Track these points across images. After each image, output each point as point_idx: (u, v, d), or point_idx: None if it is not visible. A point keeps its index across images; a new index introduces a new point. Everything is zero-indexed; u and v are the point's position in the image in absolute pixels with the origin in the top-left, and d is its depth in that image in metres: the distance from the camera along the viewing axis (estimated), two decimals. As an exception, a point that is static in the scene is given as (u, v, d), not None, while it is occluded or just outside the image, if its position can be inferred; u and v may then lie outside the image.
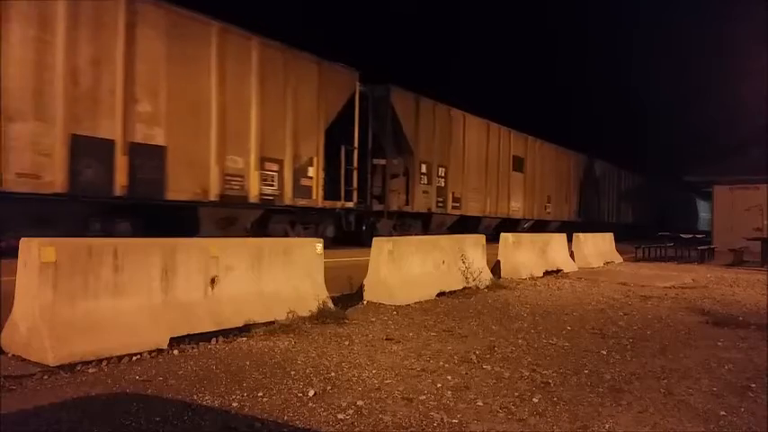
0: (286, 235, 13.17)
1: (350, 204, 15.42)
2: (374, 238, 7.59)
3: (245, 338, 4.99)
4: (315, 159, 14.07)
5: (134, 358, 4.25)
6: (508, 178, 23.56)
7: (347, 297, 7.06)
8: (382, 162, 16.86)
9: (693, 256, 17.01)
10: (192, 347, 4.63)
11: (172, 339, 4.57)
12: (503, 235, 11.09)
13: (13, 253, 4.32)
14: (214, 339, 4.86)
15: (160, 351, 4.44)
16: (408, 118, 17.48)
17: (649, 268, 14.01)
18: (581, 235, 14.29)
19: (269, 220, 13.32)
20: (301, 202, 13.74)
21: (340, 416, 3.26)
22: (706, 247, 18.19)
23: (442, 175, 19.24)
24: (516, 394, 3.76)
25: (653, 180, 41.63)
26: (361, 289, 7.32)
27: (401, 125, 17.14)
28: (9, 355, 4.11)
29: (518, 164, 24.28)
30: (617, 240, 17.09)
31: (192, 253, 5.04)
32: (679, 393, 3.90)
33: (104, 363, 4.08)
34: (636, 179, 38.63)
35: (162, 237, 5.70)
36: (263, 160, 12.63)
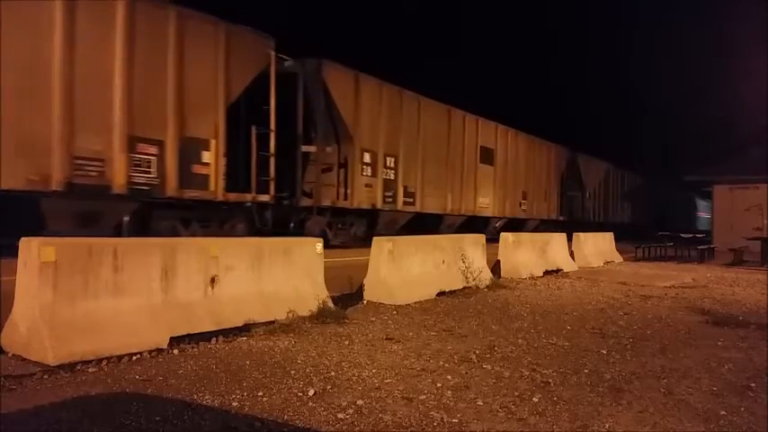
0: (177, 234, 10.96)
1: (264, 198, 12.74)
2: (374, 238, 7.60)
3: (245, 338, 4.99)
4: (213, 142, 11.42)
5: (134, 358, 4.25)
6: (475, 171, 20.78)
7: (347, 297, 7.06)
8: (312, 149, 14.33)
9: (693, 256, 17.01)
10: (192, 347, 4.63)
11: (172, 339, 4.57)
12: (503, 234, 11.09)
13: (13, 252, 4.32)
14: (214, 339, 4.86)
15: (160, 351, 4.43)
16: (346, 98, 14.90)
17: (649, 268, 14.01)
18: (581, 234, 14.30)
19: (151, 215, 11.00)
20: (192, 194, 11.16)
21: (340, 415, 3.26)
22: (706, 246, 18.20)
23: (391, 165, 16.55)
24: (516, 394, 3.76)
25: (648, 178, 40.15)
26: (361, 288, 7.32)
27: (337, 107, 14.65)
28: (9, 354, 4.11)
29: (486, 155, 21.55)
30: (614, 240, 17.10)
31: (191, 253, 5.04)
32: (679, 393, 3.90)
33: (104, 362, 4.08)
34: (630, 176, 36.94)
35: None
36: (133, 141, 10.11)
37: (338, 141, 15.12)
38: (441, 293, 7.88)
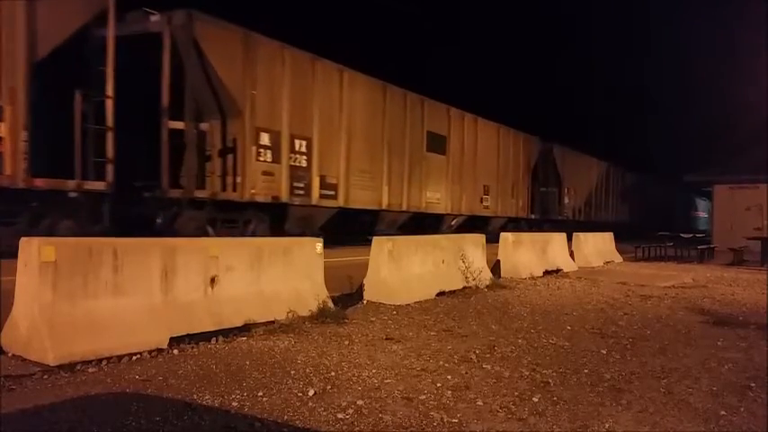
0: None
1: (97, 186, 9.99)
2: (374, 238, 7.60)
3: (244, 338, 4.99)
4: (8, 110, 8.84)
5: (134, 358, 4.25)
6: (421, 161, 18.14)
7: (347, 296, 7.06)
8: (179, 125, 11.28)
9: (693, 256, 17.01)
10: (192, 347, 4.63)
11: (172, 339, 4.57)
12: (503, 235, 11.09)
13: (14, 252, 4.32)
14: (214, 339, 4.86)
15: (160, 351, 4.44)
16: (231, 63, 11.95)
17: (649, 268, 14.01)
18: (581, 234, 14.31)
19: None
20: None
21: (340, 415, 3.26)
22: (706, 246, 18.21)
23: (302, 150, 13.61)
24: (516, 394, 3.76)
25: (640, 175, 38.37)
26: (360, 288, 7.32)
27: (218, 74, 11.68)
28: (9, 354, 4.12)
29: (436, 143, 18.79)
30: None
31: (191, 253, 5.04)
32: (679, 393, 3.90)
33: (104, 362, 4.08)
34: (620, 173, 34.96)
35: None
36: None
37: (223, 118, 12.18)
38: (441, 293, 7.88)
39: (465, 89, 33.85)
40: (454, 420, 3.26)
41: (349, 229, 14.91)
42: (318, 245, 6.38)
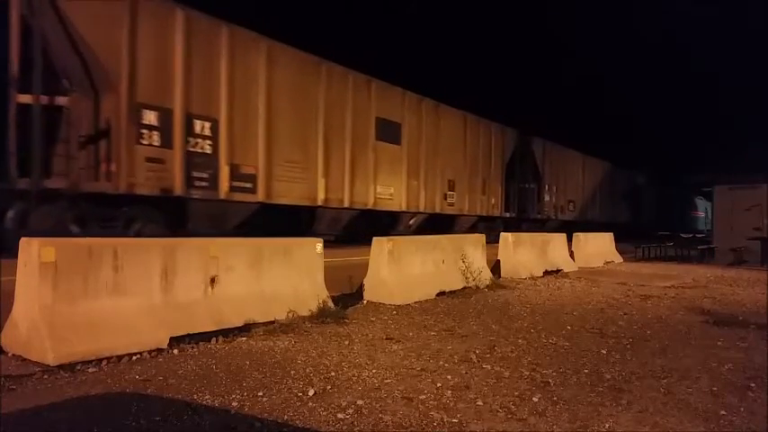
0: None
1: None
2: (374, 238, 7.60)
3: (244, 338, 4.99)
4: None
5: (134, 358, 4.25)
6: (369, 151, 16.00)
7: (347, 296, 7.06)
8: (28, 99, 9.45)
9: (694, 256, 17.02)
10: (192, 347, 4.63)
11: (172, 339, 4.57)
12: (503, 235, 11.09)
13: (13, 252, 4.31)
14: (214, 339, 4.86)
15: (160, 351, 4.44)
16: (102, 24, 9.86)
17: (649, 268, 14.01)
18: (581, 235, 14.31)
19: None
20: None
21: (340, 415, 3.26)
22: (706, 246, 18.22)
23: (206, 133, 11.42)
24: (516, 394, 3.76)
25: (639, 174, 36.96)
26: (361, 288, 7.33)
27: (83, 36, 9.63)
28: (9, 354, 4.12)
29: (388, 131, 16.72)
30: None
31: (191, 253, 5.04)
32: (679, 393, 3.90)
33: (104, 362, 4.08)
34: (611, 171, 33.40)
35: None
36: None
37: (95, 91, 10.03)
38: (441, 293, 7.89)
39: (459, 86, 33.32)
40: (454, 420, 3.26)
41: (278, 229, 12.28)
42: (318, 245, 6.38)
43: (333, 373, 4.07)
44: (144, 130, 10.45)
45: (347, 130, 15.41)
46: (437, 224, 18.86)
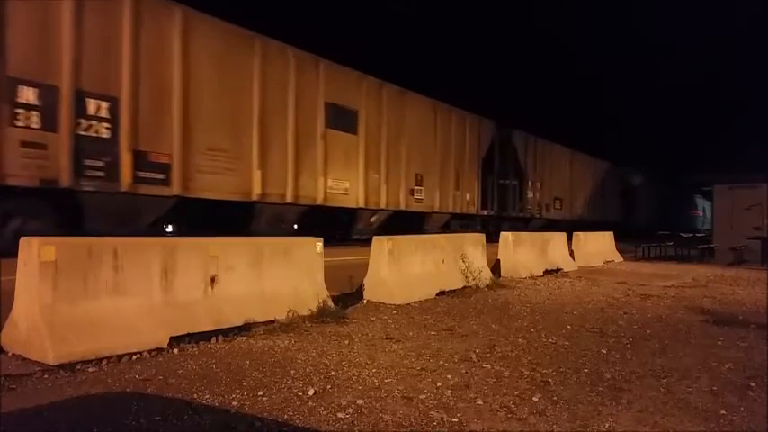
0: None
1: None
2: (374, 237, 7.60)
3: (244, 337, 4.99)
4: None
5: (134, 357, 4.25)
6: (317, 140, 14.29)
7: (347, 296, 7.06)
8: None
9: (694, 256, 17.03)
10: (192, 346, 4.63)
11: (172, 338, 4.58)
12: (503, 234, 11.10)
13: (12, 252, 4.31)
14: (214, 338, 4.86)
15: (160, 350, 4.44)
16: None
17: (649, 267, 14.01)
18: (581, 234, 14.33)
19: None
20: None
21: (340, 415, 3.26)
22: (706, 246, 18.23)
23: (102, 114, 9.88)
24: (516, 393, 3.76)
25: (636, 172, 35.91)
26: (361, 288, 7.33)
27: None
28: (9, 354, 4.12)
29: (343, 119, 15.12)
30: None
31: (191, 252, 5.04)
32: (679, 392, 3.90)
33: (104, 362, 4.08)
34: (607, 168, 32.34)
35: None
36: None
37: None
38: (441, 293, 7.89)
39: (453, 82, 32.77)
40: (454, 420, 3.26)
41: (207, 226, 11.35)
42: (319, 244, 6.38)
43: (333, 373, 4.07)
44: (20, 110, 8.90)
45: (289, 116, 13.52)
46: (404, 223, 17.17)
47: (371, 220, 16.65)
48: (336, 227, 14.89)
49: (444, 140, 19.51)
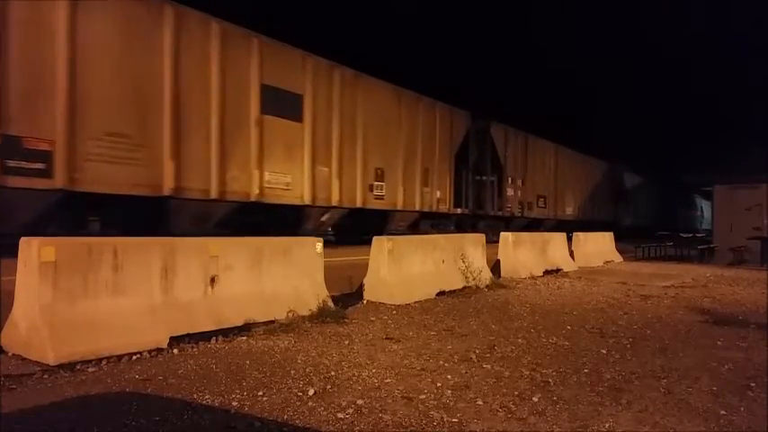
0: None
1: None
2: (374, 237, 7.60)
3: (244, 338, 4.99)
4: None
5: (134, 357, 4.25)
6: (250, 127, 12.37)
7: (347, 296, 7.06)
8: None
9: (694, 256, 17.04)
10: (192, 347, 4.63)
11: (171, 338, 4.58)
12: (503, 234, 11.10)
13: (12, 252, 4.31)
14: (214, 338, 4.86)
15: (160, 350, 4.44)
16: None
17: (649, 267, 14.01)
18: (581, 234, 14.33)
19: None
20: None
21: (340, 415, 3.26)
22: (706, 246, 18.24)
23: None
24: (516, 393, 3.76)
25: (616, 168, 34.10)
26: (360, 288, 7.33)
27: None
28: (9, 354, 4.12)
29: (284, 104, 13.17)
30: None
31: (191, 252, 5.04)
32: (679, 393, 3.90)
33: (104, 362, 4.08)
34: (589, 164, 30.43)
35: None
36: None
37: None
38: (441, 293, 7.89)
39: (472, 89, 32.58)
40: (454, 420, 3.26)
41: (110, 225, 10.06)
42: (318, 244, 6.39)
43: (333, 373, 4.07)
44: None
45: (213, 98, 11.61)
46: (365, 222, 15.78)
47: (323, 218, 14.83)
48: (281, 226, 12.95)
49: (410, 131, 17.56)
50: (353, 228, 15.74)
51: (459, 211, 20.07)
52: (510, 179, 22.85)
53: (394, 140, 17.00)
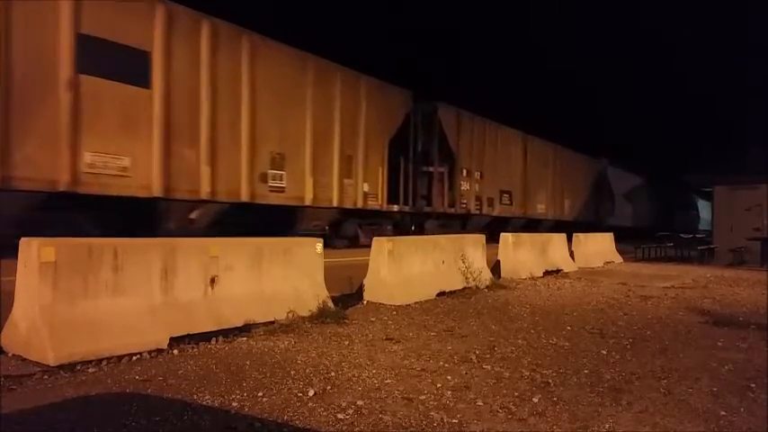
0: None
1: None
2: (374, 238, 7.61)
3: (244, 338, 4.99)
4: None
5: (134, 358, 4.25)
6: (58, 91, 9.33)
7: (347, 297, 7.06)
8: None
9: (694, 256, 17.05)
10: (192, 347, 4.63)
11: (171, 339, 4.58)
12: (503, 235, 11.10)
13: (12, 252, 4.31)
14: (214, 339, 4.86)
15: (160, 351, 4.44)
16: None
17: (649, 268, 14.02)
18: (581, 235, 14.34)
19: None
20: None
21: (340, 416, 3.26)
22: (706, 246, 18.24)
23: None
24: (516, 394, 3.76)
25: (601, 163, 31.57)
26: (361, 289, 7.32)
27: None
28: (9, 354, 4.12)
29: (118, 62, 10.16)
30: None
31: (191, 253, 5.04)
32: (679, 393, 3.90)
33: (104, 362, 4.08)
34: (565, 156, 27.78)
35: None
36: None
37: None
38: (441, 293, 7.89)
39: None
40: (454, 421, 3.25)
41: None
42: (318, 245, 6.39)
43: (333, 374, 4.07)
44: None
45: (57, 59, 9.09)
46: (265, 220, 12.76)
47: (192, 215, 11.59)
48: (121, 225, 9.98)
49: (324, 109, 14.39)
50: (248, 227, 11.63)
51: (396, 208, 17.20)
52: (464, 171, 19.84)
53: (298, 119, 13.63)
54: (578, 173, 29.41)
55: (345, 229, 15.75)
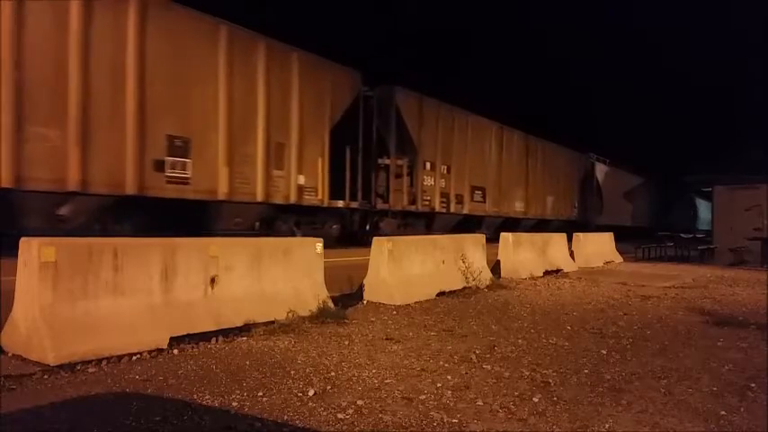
0: None
1: None
2: (374, 238, 7.60)
3: (245, 338, 4.99)
4: None
5: (134, 358, 4.25)
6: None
7: (347, 297, 7.06)
8: None
9: (694, 256, 17.05)
10: (192, 347, 4.63)
11: (172, 339, 4.57)
12: (503, 235, 11.10)
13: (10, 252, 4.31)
14: (214, 339, 4.86)
15: (160, 351, 4.44)
16: None
17: (649, 268, 14.01)
18: (581, 235, 14.34)
19: None
20: None
21: (340, 415, 3.26)
22: (706, 246, 18.25)
23: None
24: (516, 394, 3.76)
25: (587, 158, 29.78)
26: (361, 289, 7.33)
27: None
28: (9, 354, 4.12)
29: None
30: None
31: (191, 253, 5.04)
32: (679, 393, 3.90)
33: (104, 362, 4.08)
34: (546, 150, 25.78)
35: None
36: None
37: None
38: (441, 293, 7.89)
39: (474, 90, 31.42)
40: (454, 420, 3.25)
41: None
42: (319, 245, 6.39)
43: (333, 374, 4.07)
44: None
45: None
46: (171, 216, 10.92)
47: (60, 212, 9.65)
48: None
49: (244, 89, 12.31)
50: (143, 226, 10.42)
51: (341, 204, 15.19)
52: (428, 164, 17.91)
53: (208, 99, 11.57)
54: (563, 168, 27.48)
55: (278, 228, 13.68)
